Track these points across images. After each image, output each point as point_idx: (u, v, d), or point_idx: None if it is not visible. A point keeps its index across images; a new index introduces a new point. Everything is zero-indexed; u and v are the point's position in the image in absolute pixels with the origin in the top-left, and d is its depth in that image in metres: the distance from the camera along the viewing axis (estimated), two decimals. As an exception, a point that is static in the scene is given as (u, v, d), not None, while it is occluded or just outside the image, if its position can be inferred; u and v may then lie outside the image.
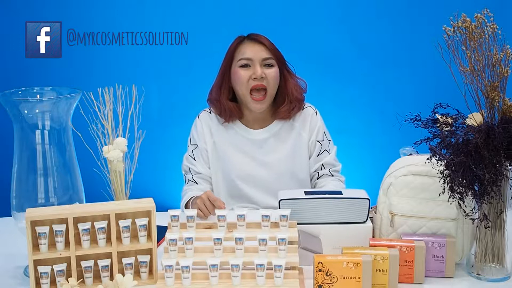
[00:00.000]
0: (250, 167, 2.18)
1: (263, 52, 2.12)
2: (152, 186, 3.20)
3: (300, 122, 2.22)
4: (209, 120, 2.24)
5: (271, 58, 2.13)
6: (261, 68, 2.11)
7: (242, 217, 1.62)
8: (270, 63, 2.13)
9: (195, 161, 2.23)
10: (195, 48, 3.30)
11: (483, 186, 1.54)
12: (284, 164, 2.18)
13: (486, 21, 1.52)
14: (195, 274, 1.52)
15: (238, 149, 2.20)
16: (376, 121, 3.33)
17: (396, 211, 1.69)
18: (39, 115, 1.68)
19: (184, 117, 3.26)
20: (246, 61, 2.12)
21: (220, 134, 2.21)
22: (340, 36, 3.31)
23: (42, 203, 1.68)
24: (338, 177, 2.23)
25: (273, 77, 2.12)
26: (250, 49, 2.12)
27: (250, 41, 2.14)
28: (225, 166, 2.20)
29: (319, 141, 2.21)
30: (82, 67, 3.31)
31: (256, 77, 2.10)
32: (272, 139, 2.20)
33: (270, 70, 2.12)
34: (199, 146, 2.22)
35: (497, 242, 1.62)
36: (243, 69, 2.12)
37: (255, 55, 2.11)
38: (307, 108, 2.24)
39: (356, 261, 1.51)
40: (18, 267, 1.74)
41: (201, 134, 2.23)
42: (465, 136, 1.54)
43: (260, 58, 2.11)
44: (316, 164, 2.22)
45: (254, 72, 2.10)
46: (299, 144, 2.20)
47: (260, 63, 2.11)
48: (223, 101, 2.17)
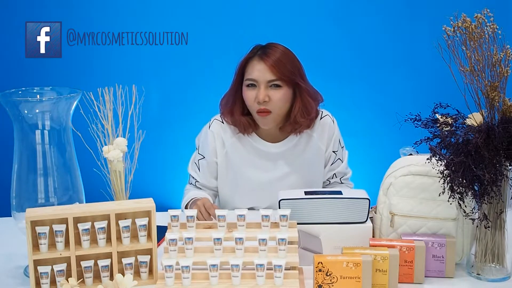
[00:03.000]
0: (263, 181, 2.13)
1: (269, 73, 2.00)
2: (152, 186, 3.20)
3: (319, 132, 2.15)
4: (221, 131, 2.15)
5: (278, 79, 2.01)
6: (266, 91, 2.01)
7: (242, 217, 1.62)
8: (277, 84, 2.02)
9: (199, 172, 2.18)
10: (195, 48, 3.30)
11: (483, 186, 1.54)
12: (300, 179, 2.14)
13: (486, 21, 1.52)
14: (195, 274, 1.52)
15: (251, 162, 2.13)
16: (376, 121, 3.33)
17: (396, 211, 1.69)
18: (39, 115, 1.68)
19: (184, 117, 3.28)
20: (252, 81, 2.03)
21: (233, 145, 2.14)
22: (340, 36, 3.31)
23: (42, 203, 1.68)
24: (346, 184, 2.22)
25: (278, 99, 2.02)
26: (257, 69, 2.02)
27: (259, 60, 2.02)
28: (237, 179, 2.15)
29: (335, 151, 2.18)
30: (82, 67, 3.31)
31: (259, 101, 2.01)
32: (289, 152, 2.14)
33: (276, 92, 2.02)
34: (206, 158, 2.16)
35: (497, 242, 1.62)
36: (249, 89, 2.04)
37: (260, 76, 2.01)
38: (325, 117, 2.16)
39: (356, 261, 1.51)
40: (18, 267, 1.74)
41: (212, 148, 2.15)
42: (465, 136, 1.53)
43: (265, 80, 2.01)
44: (329, 173, 2.20)
45: (257, 96, 2.01)
46: (316, 156, 2.15)
47: (266, 85, 2.01)
48: (237, 116, 2.10)
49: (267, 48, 2.05)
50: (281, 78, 2.01)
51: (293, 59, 2.06)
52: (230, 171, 2.15)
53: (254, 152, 2.13)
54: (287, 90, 2.04)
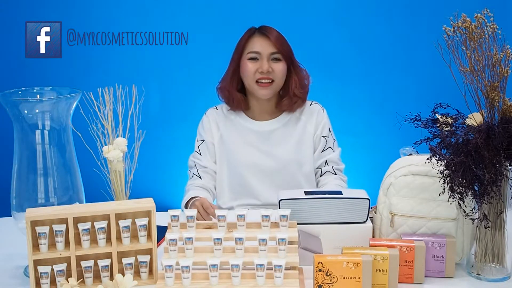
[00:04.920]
0: (256, 158, 2.22)
1: (271, 47, 2.17)
2: (152, 186, 3.20)
3: (307, 116, 2.27)
4: (216, 115, 2.29)
5: (278, 53, 2.17)
6: (268, 62, 2.17)
7: (242, 217, 1.62)
8: (278, 57, 2.18)
9: (201, 156, 2.27)
10: (195, 48, 3.30)
11: (483, 186, 1.54)
12: (290, 155, 2.22)
13: (486, 21, 1.52)
14: (195, 274, 1.52)
15: (245, 141, 2.25)
16: (376, 121, 3.32)
17: (396, 211, 1.69)
18: (39, 115, 1.68)
19: (184, 117, 3.27)
20: (255, 54, 2.18)
21: (227, 127, 2.26)
22: (340, 36, 3.31)
23: (42, 203, 1.68)
24: (340, 176, 2.25)
25: (280, 70, 2.18)
26: (259, 43, 2.18)
27: (260, 35, 2.19)
28: (231, 158, 2.24)
29: (324, 136, 2.26)
30: (82, 67, 3.30)
31: (262, 71, 2.15)
32: (278, 130, 2.25)
33: (277, 64, 2.18)
34: (205, 140, 2.27)
35: (497, 242, 1.62)
36: (251, 62, 2.18)
37: (263, 49, 2.17)
38: (314, 105, 2.29)
39: (356, 261, 1.51)
40: (18, 267, 1.74)
41: (208, 130, 2.28)
42: (465, 136, 1.53)
43: (268, 52, 2.17)
44: (320, 160, 2.25)
45: (261, 66, 2.16)
46: (304, 137, 2.25)
47: (268, 57, 2.17)
48: (232, 91, 2.24)
49: (264, 27, 2.22)
50: (282, 52, 2.18)
51: (286, 40, 2.23)
52: (226, 152, 2.25)
53: (245, 130, 2.26)
54: (284, 65, 2.20)
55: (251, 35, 2.21)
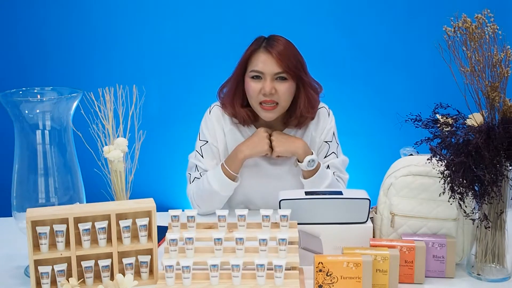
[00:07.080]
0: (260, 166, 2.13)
1: (275, 66, 2.00)
2: (152, 186, 3.20)
3: (314, 123, 2.16)
4: (222, 119, 2.16)
5: (283, 72, 2.01)
6: (272, 83, 2.01)
7: (242, 217, 1.63)
8: (283, 77, 2.02)
9: (202, 158, 2.16)
10: (195, 48, 3.30)
11: (483, 187, 1.54)
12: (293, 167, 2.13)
13: (487, 21, 1.52)
14: (195, 274, 1.52)
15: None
16: (376, 121, 3.33)
17: (396, 211, 1.69)
18: (40, 115, 1.68)
19: (184, 117, 3.28)
20: (257, 73, 2.02)
21: (232, 136, 2.15)
22: (340, 36, 3.31)
23: (42, 203, 1.68)
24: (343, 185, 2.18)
25: (285, 92, 2.02)
26: (262, 61, 2.01)
27: (264, 52, 2.02)
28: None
29: (327, 141, 2.17)
30: (82, 67, 3.31)
31: (265, 93, 2.01)
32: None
33: (282, 84, 2.02)
34: (209, 142, 2.15)
35: (498, 242, 1.62)
36: (254, 81, 2.03)
37: (267, 68, 2.01)
38: (321, 108, 2.18)
39: (357, 261, 1.51)
40: (18, 267, 1.74)
41: (212, 131, 2.15)
42: (466, 137, 1.54)
43: (272, 72, 2.01)
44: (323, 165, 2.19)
45: (264, 87, 2.00)
46: (310, 144, 2.15)
47: (272, 78, 2.01)
48: (237, 108, 2.10)
49: (271, 40, 2.05)
50: (287, 71, 2.01)
51: (296, 52, 2.06)
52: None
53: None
54: (292, 84, 2.04)
55: (256, 49, 2.04)
